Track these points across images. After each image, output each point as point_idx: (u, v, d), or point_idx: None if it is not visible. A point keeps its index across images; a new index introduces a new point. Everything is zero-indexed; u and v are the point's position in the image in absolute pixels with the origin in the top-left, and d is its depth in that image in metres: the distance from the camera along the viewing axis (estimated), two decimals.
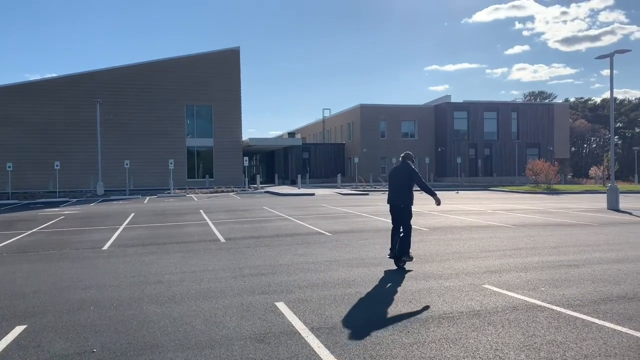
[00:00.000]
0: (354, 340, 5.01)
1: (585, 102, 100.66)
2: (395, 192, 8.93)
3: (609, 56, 22.34)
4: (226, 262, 9.44)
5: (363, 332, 5.24)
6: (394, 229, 9.02)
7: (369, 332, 5.24)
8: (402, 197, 8.84)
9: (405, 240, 8.75)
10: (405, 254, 8.72)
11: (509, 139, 52.84)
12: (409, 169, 8.79)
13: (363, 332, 5.24)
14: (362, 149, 51.06)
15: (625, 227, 14.68)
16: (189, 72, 43.49)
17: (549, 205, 22.84)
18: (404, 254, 8.70)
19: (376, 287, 7.29)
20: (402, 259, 8.71)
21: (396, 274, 8.17)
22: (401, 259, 8.71)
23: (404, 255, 8.70)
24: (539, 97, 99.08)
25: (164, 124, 42.62)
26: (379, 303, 6.39)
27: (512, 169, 52.24)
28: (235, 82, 44.42)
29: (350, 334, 5.20)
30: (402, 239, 8.77)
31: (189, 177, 43.11)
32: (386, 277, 7.97)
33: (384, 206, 22.17)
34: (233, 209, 21.32)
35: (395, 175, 8.94)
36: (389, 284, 7.46)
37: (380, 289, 7.18)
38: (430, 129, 53.31)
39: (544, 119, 53.98)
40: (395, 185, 8.92)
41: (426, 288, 7.21)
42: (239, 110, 44.65)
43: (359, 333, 5.20)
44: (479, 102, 53.34)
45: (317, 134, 67.05)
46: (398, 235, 8.87)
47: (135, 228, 15.16)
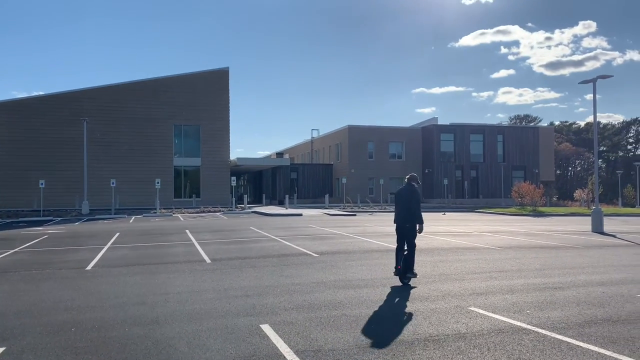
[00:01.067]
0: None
1: (569, 126, 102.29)
2: (400, 212, 9.41)
3: (592, 81, 22.78)
4: (211, 283, 9.35)
5: (348, 355, 5.20)
6: (399, 247, 9.44)
7: (354, 355, 5.20)
8: (407, 217, 9.30)
9: (410, 258, 9.23)
10: (410, 270, 9.20)
11: (495, 161, 53.35)
12: (411, 190, 9.35)
13: (348, 355, 5.20)
14: (350, 169, 51.22)
15: (610, 250, 14.81)
16: (178, 91, 43.56)
17: (535, 228, 23.00)
18: (408, 271, 9.17)
19: (362, 309, 7.25)
20: (407, 275, 9.15)
21: (386, 295, 8.15)
22: (406, 275, 9.13)
23: (409, 272, 9.17)
24: (524, 120, 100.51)
25: (151, 143, 42.47)
26: (365, 325, 6.35)
27: (498, 191, 52.65)
28: (224, 102, 44.56)
29: (335, 356, 5.15)
30: (407, 257, 9.23)
31: (175, 197, 42.85)
32: (372, 298, 7.94)
33: (370, 227, 22.19)
34: (219, 229, 21.18)
35: (400, 197, 9.46)
36: (375, 306, 7.43)
37: (366, 311, 7.14)
38: (418, 150, 53.71)
39: (529, 141, 54.66)
40: (401, 205, 9.41)
41: (412, 310, 7.19)
42: (227, 130, 44.69)
43: (344, 356, 5.16)
44: (465, 125, 53.93)
45: (305, 155, 67.20)
46: (402, 253, 9.30)
47: (120, 248, 14.98)
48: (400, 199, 9.43)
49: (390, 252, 13.60)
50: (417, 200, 9.26)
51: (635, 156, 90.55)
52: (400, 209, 9.39)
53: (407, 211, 9.27)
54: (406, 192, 9.36)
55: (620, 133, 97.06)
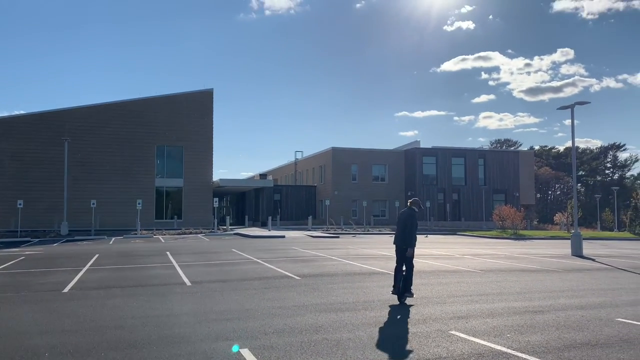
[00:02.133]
0: None
1: (549, 150, 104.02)
2: (399, 234, 9.91)
3: (570, 107, 23.28)
4: (191, 306, 9.22)
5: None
6: (397, 268, 9.88)
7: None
8: (404, 239, 9.74)
9: (407, 279, 9.66)
10: (408, 290, 9.60)
11: (476, 185, 53.93)
12: (409, 214, 9.84)
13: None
14: (333, 191, 51.32)
15: (589, 274, 14.97)
16: (161, 112, 43.45)
17: (515, 251, 23.19)
18: (406, 291, 9.58)
19: (343, 333, 7.21)
20: (405, 295, 9.57)
21: (367, 319, 8.11)
22: (403, 294, 9.56)
23: (407, 292, 9.58)
24: (505, 144, 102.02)
25: (133, 164, 42.13)
26: (346, 350, 6.31)
27: (479, 214, 53.09)
28: (208, 123, 44.52)
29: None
30: (405, 277, 9.68)
31: (156, 218, 42.37)
32: (354, 322, 7.90)
33: (353, 250, 22.16)
34: (201, 251, 20.97)
35: (400, 219, 9.99)
36: (357, 331, 7.39)
37: (348, 334, 7.10)
38: (401, 173, 54.10)
39: (509, 165, 55.44)
40: (399, 228, 9.89)
41: (394, 334, 7.16)
42: (211, 151, 44.57)
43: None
44: (447, 148, 54.57)
45: (289, 176, 67.21)
46: (401, 273, 9.76)
47: (99, 270, 14.73)
48: (399, 221, 9.95)
49: (373, 275, 13.59)
50: (412, 224, 9.71)
51: (613, 181, 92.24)
52: (399, 231, 9.88)
53: (404, 233, 9.74)
54: (405, 215, 9.85)
55: (599, 158, 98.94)
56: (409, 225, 9.67)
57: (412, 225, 9.69)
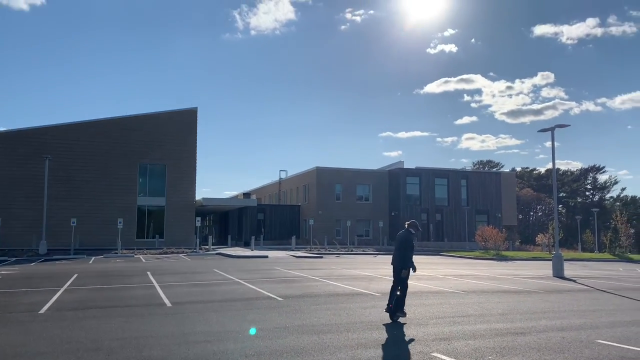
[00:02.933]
0: None
1: (530, 172, 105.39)
2: (395, 255, 10.26)
3: (551, 130, 23.70)
4: (171, 327, 9.08)
5: None
6: (393, 287, 10.21)
7: None
8: (401, 260, 10.08)
9: (400, 299, 9.94)
10: (400, 310, 9.87)
11: (459, 205, 54.30)
12: (405, 235, 10.20)
13: None
14: (317, 211, 51.25)
15: (570, 295, 15.09)
16: (145, 130, 43.22)
17: (498, 272, 23.30)
18: (398, 310, 9.85)
19: (325, 355, 7.14)
20: (397, 314, 9.83)
21: (350, 340, 8.05)
22: (395, 313, 9.83)
23: (398, 311, 9.85)
24: (487, 165, 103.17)
25: (115, 182, 41.69)
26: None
27: (462, 234, 53.38)
28: (192, 141, 44.37)
29: None
30: (398, 297, 9.95)
31: (138, 237, 41.84)
32: (336, 344, 7.83)
33: (337, 270, 22.07)
34: (182, 272, 20.72)
35: (397, 240, 10.37)
36: (339, 353, 7.32)
37: (330, 357, 7.03)
38: (384, 193, 54.29)
39: (492, 186, 56.00)
40: (396, 249, 10.27)
41: (376, 356, 7.11)
42: (194, 170, 44.35)
43: None
44: (430, 169, 55.02)
45: (272, 195, 67.05)
46: (396, 292, 10.05)
47: (77, 290, 14.46)
48: (397, 243, 10.32)
49: (356, 296, 13.54)
50: (408, 246, 10.07)
51: (593, 202, 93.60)
52: (396, 252, 10.24)
53: (399, 254, 10.11)
54: (401, 237, 10.26)
55: (579, 180, 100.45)
56: (405, 247, 10.04)
57: (408, 247, 10.07)
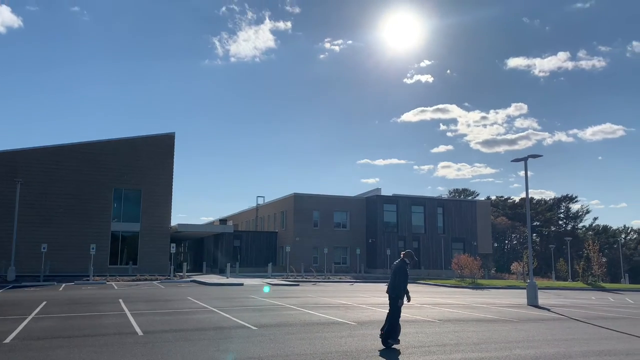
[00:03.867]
0: None
1: (505, 201, 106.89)
2: (389, 283, 10.62)
3: (524, 160, 24.17)
4: (142, 357, 8.84)
5: None
6: (388, 314, 10.53)
7: None
8: (392, 289, 10.48)
9: (390, 326, 10.23)
10: (392, 338, 10.15)
11: (435, 233, 54.64)
12: (399, 266, 10.51)
13: None
14: (294, 238, 50.97)
15: (544, 324, 15.19)
16: (121, 155, 42.72)
17: (474, 300, 23.37)
18: (389, 337, 10.14)
19: None
20: (388, 341, 10.10)
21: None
22: (387, 340, 10.10)
23: (390, 338, 10.13)
24: (462, 194, 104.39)
25: (88, 207, 40.92)
26: None
27: (439, 262, 53.57)
28: (168, 166, 43.95)
29: None
30: (390, 325, 10.25)
31: (111, 264, 40.93)
32: None
33: (313, 298, 21.88)
34: (155, 299, 20.28)
35: (392, 270, 10.70)
36: None
37: None
38: (362, 220, 54.36)
39: (467, 215, 56.58)
40: (390, 277, 10.63)
41: None
42: (170, 195, 43.84)
43: None
44: (407, 196, 55.41)
45: (250, 222, 66.57)
46: None
47: (45, 318, 14.01)
48: (392, 272, 10.68)
49: (332, 325, 13.42)
50: (402, 275, 10.36)
51: (566, 231, 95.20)
52: (391, 281, 10.58)
53: (393, 283, 10.45)
54: (396, 267, 10.58)
55: (552, 209, 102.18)
56: (398, 276, 10.36)
57: (402, 276, 10.37)
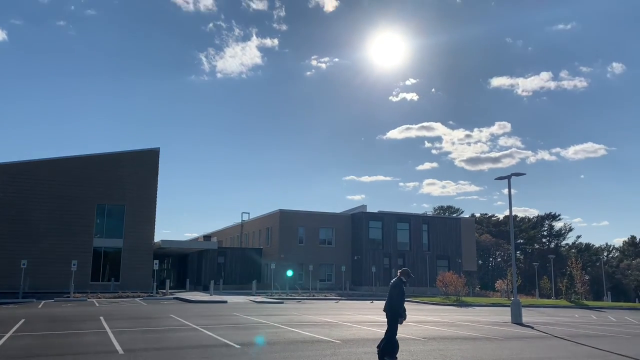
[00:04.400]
0: None
1: (489, 218, 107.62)
2: (387, 302, 10.63)
3: (507, 178, 24.44)
4: None
5: None
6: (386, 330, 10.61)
7: None
8: (388, 306, 10.54)
9: (387, 343, 10.27)
10: (388, 355, 10.16)
11: (420, 250, 54.73)
12: (396, 283, 10.57)
13: None
14: (280, 254, 50.67)
15: (527, 342, 15.22)
16: (104, 170, 42.28)
17: (458, 318, 23.37)
18: (385, 354, 10.15)
19: None
20: (385, 358, 10.12)
21: None
22: (383, 357, 10.14)
23: (386, 355, 10.15)
24: (447, 211, 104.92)
25: (71, 222, 40.33)
26: None
27: (424, 279, 53.53)
28: (152, 182, 43.57)
29: None
30: (385, 341, 10.30)
31: (92, 280, 40.25)
32: None
33: (297, 316, 21.71)
34: (137, 317, 19.97)
35: (390, 287, 10.76)
36: None
37: None
38: (347, 237, 54.29)
39: (452, 232, 56.83)
40: (388, 295, 10.65)
41: None
42: (154, 211, 43.37)
43: None
44: (392, 213, 55.55)
45: (234, 238, 66.10)
46: None
47: (23, 337, 13.70)
48: (389, 291, 10.69)
49: (316, 343, 13.31)
50: (398, 293, 10.43)
51: (550, 249, 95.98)
52: (387, 299, 10.63)
53: (389, 301, 10.52)
54: (393, 285, 10.66)
55: (536, 227, 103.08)
56: (395, 295, 10.42)
57: (398, 294, 10.43)
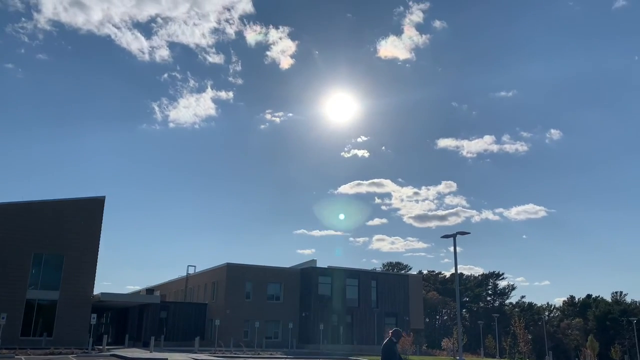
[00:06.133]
0: None
1: (436, 275, 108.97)
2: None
3: (453, 236, 25.03)
4: None
5: None
6: None
7: None
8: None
9: None
10: None
11: (369, 307, 54.38)
12: (387, 344, 10.90)
13: None
14: (225, 310, 49.13)
15: None
16: (44, 218, 40.51)
17: None
18: None
19: None
20: None
21: None
22: None
23: None
24: (396, 267, 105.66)
25: (3, 273, 38.03)
26: None
27: (372, 337, 52.93)
28: (95, 232, 41.98)
29: None
30: None
31: (23, 335, 37.66)
32: None
33: None
34: None
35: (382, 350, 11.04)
36: None
37: None
38: (296, 292, 53.39)
39: (400, 289, 56.97)
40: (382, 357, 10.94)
41: None
42: (95, 262, 41.55)
43: None
44: (342, 269, 55.31)
45: (179, 292, 63.76)
46: None
47: None
48: (381, 352, 10.99)
49: None
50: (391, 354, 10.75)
51: (494, 308, 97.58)
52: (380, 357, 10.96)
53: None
54: (385, 346, 10.96)
55: (481, 285, 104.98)
56: (387, 356, 10.73)
57: (391, 355, 10.74)
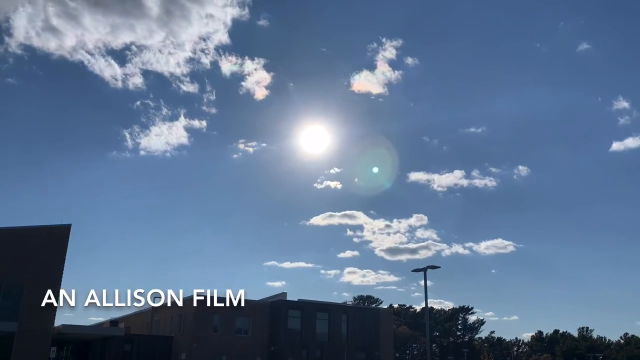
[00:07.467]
0: None
1: (407, 309, 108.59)
2: None
3: (423, 270, 25.03)
4: None
5: None
6: None
7: None
8: None
9: None
10: None
11: (339, 342, 53.60)
12: None
13: None
14: (192, 343, 47.77)
15: None
16: (4, 246, 39.00)
17: None
18: None
19: None
20: None
21: None
22: None
23: None
24: (367, 301, 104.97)
25: None
26: None
27: None
28: (59, 260, 40.49)
29: None
30: None
31: None
32: None
33: None
34: None
35: None
36: None
37: None
38: (265, 326, 52.35)
39: (370, 323, 56.44)
40: None
41: None
42: (57, 292, 40.00)
43: None
44: (312, 302, 54.64)
45: (144, 324, 61.83)
46: None
47: None
48: None
49: None
50: None
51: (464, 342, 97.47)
52: None
53: None
54: None
55: (451, 319, 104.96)
56: None
57: None
